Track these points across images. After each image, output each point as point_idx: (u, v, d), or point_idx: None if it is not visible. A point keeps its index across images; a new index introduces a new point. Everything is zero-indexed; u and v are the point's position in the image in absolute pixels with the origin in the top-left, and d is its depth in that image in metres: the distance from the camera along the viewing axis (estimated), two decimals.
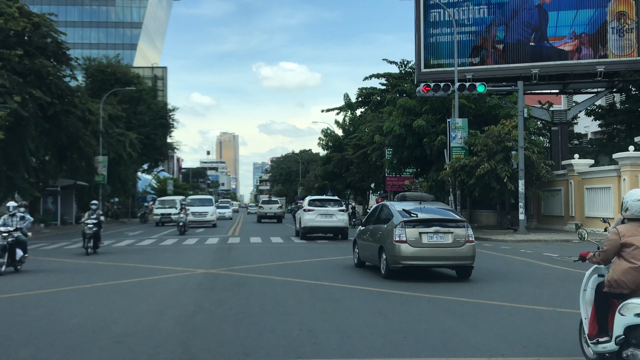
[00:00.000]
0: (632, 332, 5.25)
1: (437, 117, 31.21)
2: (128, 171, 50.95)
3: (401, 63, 45.39)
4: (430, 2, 32.88)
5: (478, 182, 26.31)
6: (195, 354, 6.57)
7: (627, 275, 5.43)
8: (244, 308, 9.17)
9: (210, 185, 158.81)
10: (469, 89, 27.45)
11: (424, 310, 9.04)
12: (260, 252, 19.47)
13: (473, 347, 6.84)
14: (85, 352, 6.69)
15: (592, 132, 42.93)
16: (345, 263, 15.89)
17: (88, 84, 49.48)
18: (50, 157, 36.18)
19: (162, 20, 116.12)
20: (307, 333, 7.47)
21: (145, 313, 8.90)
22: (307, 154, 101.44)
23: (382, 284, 11.76)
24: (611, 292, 5.55)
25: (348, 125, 53.82)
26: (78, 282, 12.31)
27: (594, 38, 31.50)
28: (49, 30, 31.80)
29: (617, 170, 25.14)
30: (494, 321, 8.21)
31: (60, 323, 8.23)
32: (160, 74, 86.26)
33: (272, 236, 27.65)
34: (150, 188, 72.31)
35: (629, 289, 5.43)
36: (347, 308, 9.19)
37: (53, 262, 16.75)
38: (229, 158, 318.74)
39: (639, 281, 5.41)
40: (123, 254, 19.09)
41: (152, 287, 11.64)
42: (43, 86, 29.63)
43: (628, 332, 5.27)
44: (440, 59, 33.02)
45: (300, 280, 12.27)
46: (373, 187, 49.98)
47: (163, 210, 42.26)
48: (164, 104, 61.57)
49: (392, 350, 6.68)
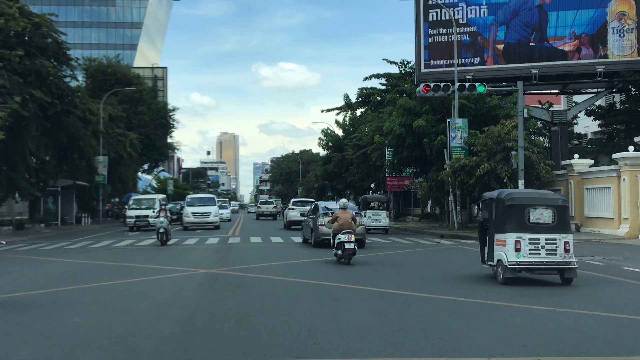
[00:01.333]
0: None
1: (437, 117, 31.21)
2: (128, 171, 50.98)
3: (401, 63, 45.39)
4: (430, 2, 32.88)
5: (478, 182, 26.31)
6: (195, 354, 6.58)
7: None
8: (244, 308, 9.18)
9: (210, 185, 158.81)
10: (469, 89, 27.44)
11: (424, 310, 9.04)
12: (260, 252, 19.48)
13: (473, 347, 6.85)
14: (85, 352, 6.69)
15: (592, 132, 42.94)
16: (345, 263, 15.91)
17: (88, 84, 49.49)
18: (51, 157, 36.19)
19: (162, 20, 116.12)
20: (307, 333, 7.48)
21: (145, 313, 8.90)
22: (307, 154, 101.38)
23: (382, 284, 11.77)
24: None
25: (348, 125, 53.82)
26: (78, 282, 12.32)
27: (594, 38, 31.50)
28: (49, 30, 31.79)
29: (617, 170, 25.14)
30: (494, 321, 8.21)
31: (60, 323, 8.24)
32: (161, 74, 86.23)
33: (272, 236, 27.66)
34: (150, 188, 72.29)
35: None
36: (347, 308, 9.19)
37: (54, 262, 16.76)
38: (229, 158, 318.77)
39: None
40: (123, 254, 19.10)
41: (152, 287, 11.65)
42: (43, 86, 29.62)
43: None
44: (440, 59, 33.01)
45: (300, 280, 12.27)
46: (373, 187, 49.97)
47: (138, 212, 34.82)
48: (164, 104, 61.58)
49: (392, 350, 6.69)
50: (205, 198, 39.20)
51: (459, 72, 30.11)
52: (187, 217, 34.62)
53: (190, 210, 34.86)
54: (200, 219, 34.45)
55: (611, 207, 25.37)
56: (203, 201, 37.41)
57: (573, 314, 8.72)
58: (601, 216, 26.17)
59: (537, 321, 8.21)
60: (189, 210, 34.87)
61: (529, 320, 8.26)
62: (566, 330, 7.69)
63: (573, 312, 8.84)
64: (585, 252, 18.09)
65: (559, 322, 8.15)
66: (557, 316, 8.60)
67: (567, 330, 7.70)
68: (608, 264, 15.18)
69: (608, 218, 25.67)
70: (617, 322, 8.26)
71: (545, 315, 8.64)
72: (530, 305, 9.45)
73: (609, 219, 25.60)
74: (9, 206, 36.49)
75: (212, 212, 34.82)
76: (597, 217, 26.46)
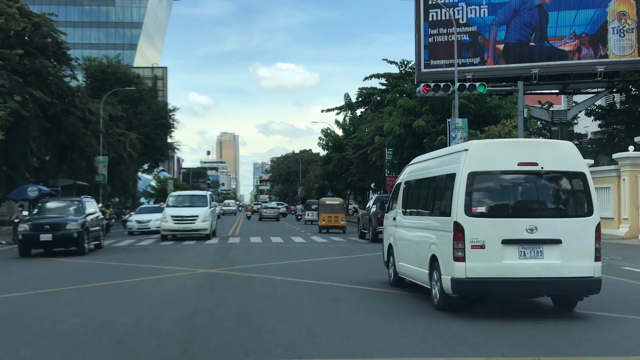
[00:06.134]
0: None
1: (437, 117, 31.22)
2: (128, 171, 50.91)
3: (401, 63, 45.35)
4: (430, 2, 32.87)
5: None
6: (195, 354, 6.58)
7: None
8: (244, 308, 9.17)
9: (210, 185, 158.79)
10: (469, 89, 27.41)
11: (423, 310, 9.04)
12: (260, 251, 19.48)
13: (473, 346, 6.84)
14: (85, 352, 6.69)
15: (592, 132, 42.91)
16: (345, 263, 15.92)
17: (88, 84, 49.44)
18: (51, 157, 36.16)
19: (162, 20, 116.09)
20: (307, 333, 7.47)
21: (145, 313, 8.90)
22: (307, 154, 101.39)
23: (382, 283, 11.77)
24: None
25: (348, 125, 53.83)
26: (78, 282, 12.31)
27: (594, 38, 31.49)
28: (49, 30, 31.78)
29: (617, 170, 25.14)
30: (494, 321, 8.20)
31: (60, 323, 8.24)
32: (161, 74, 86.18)
33: (272, 236, 27.66)
34: (150, 188, 72.29)
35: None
36: (347, 308, 9.18)
37: (53, 262, 16.75)
38: (229, 158, 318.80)
39: None
40: (123, 254, 19.09)
41: (152, 287, 11.64)
42: (43, 86, 29.60)
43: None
44: (440, 59, 33.01)
45: (300, 280, 12.27)
46: (373, 187, 49.98)
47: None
48: (164, 104, 61.56)
49: (392, 350, 6.68)
50: (195, 196, 28.90)
51: (459, 72, 30.07)
52: (165, 223, 25.61)
53: (170, 213, 25.79)
54: (182, 224, 25.38)
55: (611, 207, 25.36)
56: (190, 200, 27.70)
57: (572, 314, 8.71)
58: (601, 216, 26.07)
59: (538, 321, 8.19)
60: (168, 213, 25.84)
61: (529, 320, 8.24)
62: (567, 330, 7.68)
63: (572, 312, 8.82)
64: None
65: (559, 322, 8.14)
66: (557, 316, 8.59)
67: (567, 330, 7.69)
68: (608, 264, 15.16)
69: (608, 218, 25.64)
70: (617, 322, 8.25)
71: (545, 315, 8.63)
72: (530, 305, 9.44)
73: (608, 219, 25.58)
74: (9, 206, 36.45)
75: (200, 215, 25.68)
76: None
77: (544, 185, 8.67)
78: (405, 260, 10.54)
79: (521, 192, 8.74)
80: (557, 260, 8.20)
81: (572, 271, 8.22)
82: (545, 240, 8.21)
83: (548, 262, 8.19)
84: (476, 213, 8.26)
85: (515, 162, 8.44)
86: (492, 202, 8.49)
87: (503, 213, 8.41)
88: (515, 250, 8.19)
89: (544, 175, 8.54)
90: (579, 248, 8.31)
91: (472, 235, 8.19)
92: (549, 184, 8.69)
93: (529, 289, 8.41)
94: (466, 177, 8.33)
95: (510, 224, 8.27)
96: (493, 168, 8.48)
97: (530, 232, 8.20)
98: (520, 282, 8.22)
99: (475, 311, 8.84)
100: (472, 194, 8.32)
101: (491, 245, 8.18)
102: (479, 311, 8.84)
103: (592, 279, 8.28)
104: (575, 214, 8.57)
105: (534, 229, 8.19)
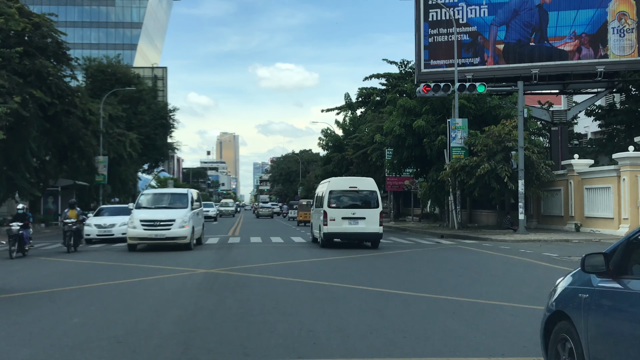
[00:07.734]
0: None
1: (437, 117, 31.21)
2: (128, 171, 50.96)
3: (401, 63, 45.41)
4: (430, 2, 32.88)
5: (478, 182, 26.32)
6: (195, 354, 6.58)
7: None
8: (244, 308, 9.17)
9: (210, 185, 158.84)
10: (469, 89, 27.46)
11: (424, 310, 9.04)
12: (260, 251, 19.47)
13: (473, 347, 6.84)
14: (85, 352, 6.69)
15: (592, 132, 42.93)
16: (345, 263, 15.92)
17: (88, 84, 49.48)
18: (51, 157, 36.19)
19: (162, 20, 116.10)
20: (307, 333, 7.47)
21: (146, 313, 8.90)
22: (307, 154, 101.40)
23: (382, 283, 11.77)
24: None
25: (348, 125, 53.83)
26: (78, 282, 12.31)
27: (594, 38, 31.50)
28: (49, 30, 31.80)
29: (617, 170, 25.14)
30: (494, 321, 8.20)
31: (60, 323, 8.24)
32: (160, 74, 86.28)
33: (272, 236, 27.66)
34: (150, 188, 72.32)
35: None
36: (347, 308, 9.18)
37: (53, 262, 16.76)
38: (229, 158, 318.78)
39: None
40: (123, 254, 19.09)
41: (152, 287, 11.64)
42: (43, 86, 29.62)
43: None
44: (440, 59, 33.01)
45: (300, 280, 12.27)
46: None
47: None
48: (164, 104, 61.59)
49: (392, 350, 6.69)
50: (173, 195, 22.59)
51: (459, 72, 30.11)
52: (132, 229, 19.94)
53: (138, 216, 20.10)
54: (154, 230, 19.80)
55: (611, 207, 25.37)
56: (166, 200, 21.88)
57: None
58: (601, 216, 26.16)
59: (537, 321, 8.20)
60: (136, 216, 20.14)
61: (529, 320, 8.25)
62: None
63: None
64: (586, 251, 18.04)
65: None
66: None
67: None
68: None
69: (608, 218, 25.67)
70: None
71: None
72: (530, 305, 9.44)
73: (608, 219, 25.60)
74: (9, 206, 36.46)
75: (177, 219, 19.97)
76: (597, 217, 26.45)
77: (359, 196, 20.94)
78: (315, 228, 22.70)
79: (350, 198, 20.84)
80: (364, 225, 20.27)
81: (371, 230, 20.35)
82: (359, 217, 20.33)
83: (361, 226, 20.28)
84: (332, 206, 20.51)
85: (347, 186, 21.17)
86: (339, 202, 20.71)
87: (343, 206, 20.63)
88: (347, 222, 20.31)
89: (359, 192, 21.01)
90: (373, 221, 20.24)
91: (330, 215, 20.41)
92: (361, 195, 20.92)
93: (353, 237, 20.77)
94: (329, 192, 20.76)
95: (345, 211, 20.41)
96: (339, 188, 20.99)
97: (353, 215, 20.38)
98: (349, 234, 20.58)
99: (476, 312, 8.84)
100: (330, 199, 20.62)
101: (337, 220, 20.35)
102: (479, 312, 8.84)
103: (379, 233, 20.45)
104: (370, 207, 20.49)
105: (355, 213, 20.38)
